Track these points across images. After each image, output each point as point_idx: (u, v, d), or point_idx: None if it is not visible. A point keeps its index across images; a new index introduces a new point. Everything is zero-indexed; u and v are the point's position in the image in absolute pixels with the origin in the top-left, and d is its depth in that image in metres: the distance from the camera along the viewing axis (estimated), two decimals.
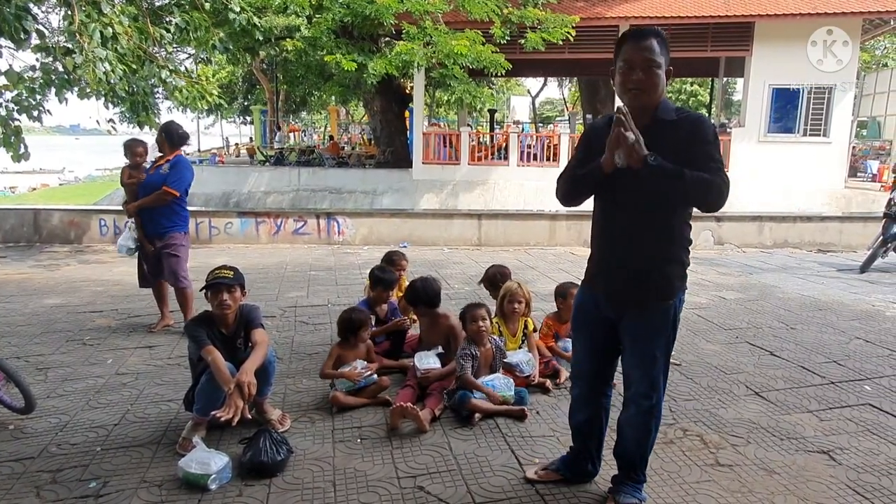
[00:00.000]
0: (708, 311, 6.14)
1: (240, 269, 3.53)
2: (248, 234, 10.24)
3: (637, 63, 2.37)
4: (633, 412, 2.65)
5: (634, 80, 2.37)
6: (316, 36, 12.74)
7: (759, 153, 15.36)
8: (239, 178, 17.82)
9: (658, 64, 2.37)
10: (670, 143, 2.35)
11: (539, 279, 7.65)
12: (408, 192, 16.23)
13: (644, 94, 2.39)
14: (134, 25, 7.05)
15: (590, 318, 2.70)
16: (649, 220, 2.46)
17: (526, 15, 13.01)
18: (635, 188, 2.41)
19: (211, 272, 3.45)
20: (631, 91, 2.39)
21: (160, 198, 5.27)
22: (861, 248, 9.59)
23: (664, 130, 2.39)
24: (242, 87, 30.39)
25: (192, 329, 3.35)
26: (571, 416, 2.92)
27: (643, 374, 2.58)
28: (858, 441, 3.37)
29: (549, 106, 51.25)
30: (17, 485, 2.89)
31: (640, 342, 2.57)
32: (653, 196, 2.40)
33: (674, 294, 2.52)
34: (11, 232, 10.05)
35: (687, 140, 2.36)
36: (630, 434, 2.69)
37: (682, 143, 2.35)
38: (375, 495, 2.82)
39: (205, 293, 3.40)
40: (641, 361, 2.58)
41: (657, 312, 2.52)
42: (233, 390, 3.00)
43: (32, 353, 4.77)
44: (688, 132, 2.38)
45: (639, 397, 2.61)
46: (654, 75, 2.37)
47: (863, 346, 5.05)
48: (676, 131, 2.39)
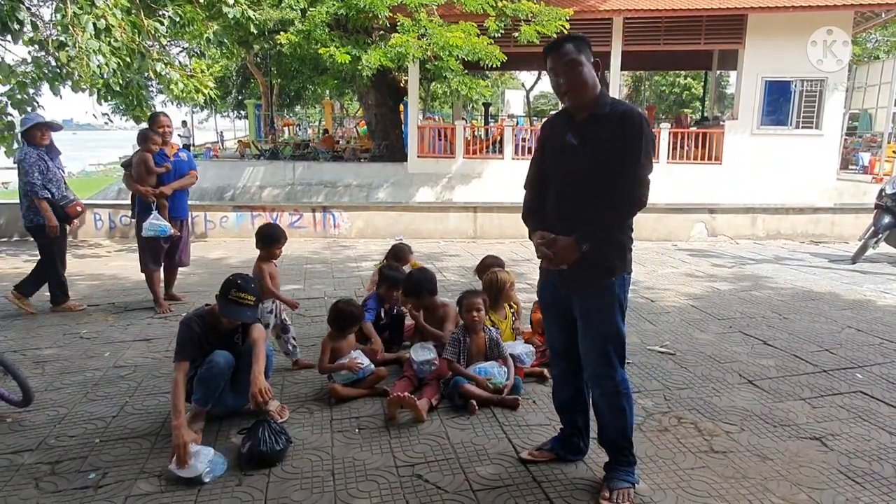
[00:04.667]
0: (702, 301, 6.19)
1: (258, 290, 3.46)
2: (243, 227, 10.22)
3: (559, 69, 2.55)
4: (599, 394, 2.76)
5: (562, 84, 2.56)
6: (310, 29, 12.70)
7: (752, 146, 15.43)
8: (234, 173, 17.78)
9: (578, 62, 2.53)
10: (603, 134, 2.54)
11: (534, 271, 7.65)
12: (403, 186, 16.23)
13: (575, 93, 2.56)
14: (127, 19, 7.02)
15: (552, 299, 2.85)
16: (588, 206, 2.57)
17: (520, 8, 13.00)
18: (571, 177, 2.62)
19: (233, 288, 3.29)
20: (562, 95, 2.59)
21: (191, 181, 5.94)
22: (853, 239, 9.64)
23: (597, 123, 2.56)
24: (236, 81, 30.24)
25: (185, 332, 3.28)
26: (555, 396, 3.05)
27: (597, 353, 2.69)
28: (850, 427, 3.42)
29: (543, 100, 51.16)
30: (15, 477, 2.91)
31: (589, 322, 2.69)
32: (589, 186, 2.57)
33: (615, 272, 2.64)
34: (5, 227, 10.01)
35: (615, 132, 2.51)
36: (606, 414, 2.77)
37: (612, 136, 2.51)
38: (374, 484, 2.85)
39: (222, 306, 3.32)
40: (594, 340, 2.69)
41: (603, 290, 2.64)
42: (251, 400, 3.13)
43: (30, 346, 4.78)
44: (616, 124, 2.52)
45: (598, 378, 2.72)
46: (578, 74, 2.53)
47: (854, 334, 5.10)
48: (607, 126, 2.54)
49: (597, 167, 2.54)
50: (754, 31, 15.11)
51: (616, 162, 2.51)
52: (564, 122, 2.68)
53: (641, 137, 2.49)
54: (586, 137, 2.56)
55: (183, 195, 5.93)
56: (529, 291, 6.04)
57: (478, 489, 2.81)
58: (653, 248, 9.44)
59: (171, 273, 6.09)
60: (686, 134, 16.37)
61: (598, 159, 2.53)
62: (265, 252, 4.46)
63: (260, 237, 4.50)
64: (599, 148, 2.53)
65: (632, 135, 2.49)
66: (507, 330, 4.40)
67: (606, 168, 2.53)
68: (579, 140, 2.58)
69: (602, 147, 2.52)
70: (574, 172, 2.60)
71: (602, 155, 2.52)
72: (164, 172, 5.71)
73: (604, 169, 2.53)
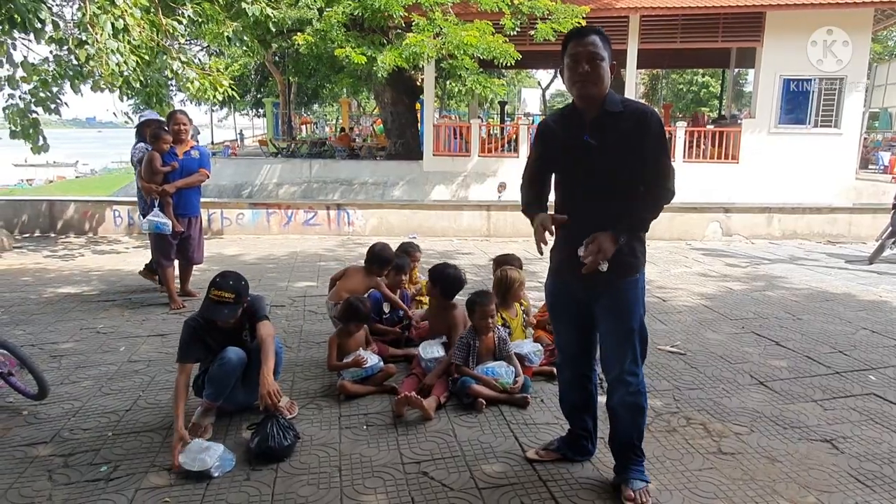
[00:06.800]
0: (714, 301, 6.15)
1: (242, 281, 3.40)
2: (259, 224, 10.32)
3: (582, 56, 2.50)
4: (620, 397, 2.71)
5: (580, 73, 2.50)
6: (326, 29, 12.76)
7: (769, 144, 15.26)
8: (251, 170, 17.93)
9: (602, 57, 2.50)
10: (618, 133, 2.53)
11: (546, 271, 7.66)
12: (418, 184, 16.28)
13: (590, 85, 2.52)
14: (146, 17, 7.10)
15: (565, 304, 2.84)
16: (611, 203, 2.55)
17: (536, 5, 12.95)
18: (595, 176, 2.59)
19: (212, 287, 3.32)
20: (577, 83, 2.53)
21: (200, 179, 5.93)
22: (870, 239, 9.52)
23: (611, 121, 2.55)
24: (255, 79, 30.43)
25: (187, 334, 3.31)
26: (563, 400, 3.03)
27: (623, 353, 2.66)
28: (861, 430, 3.39)
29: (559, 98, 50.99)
30: (29, 468, 2.97)
31: (617, 320, 2.66)
32: (616, 183, 2.56)
33: (639, 268, 2.66)
34: (28, 223, 10.18)
35: (634, 131, 2.52)
36: (625, 416, 2.73)
37: (631, 134, 2.52)
38: (380, 480, 2.87)
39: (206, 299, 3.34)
40: (620, 339, 2.66)
41: (629, 289, 2.63)
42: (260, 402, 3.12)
43: (47, 340, 4.86)
44: (634, 123, 2.53)
45: (622, 379, 2.68)
46: (598, 67, 2.50)
47: (869, 336, 5.04)
48: (624, 123, 2.53)
49: (622, 164, 2.54)
50: (772, 29, 14.95)
51: (640, 157, 2.52)
52: (576, 122, 2.63)
53: (662, 131, 2.56)
54: (605, 136, 2.55)
55: (193, 193, 5.93)
56: (540, 290, 6.03)
57: (483, 487, 2.82)
58: (666, 248, 9.37)
59: (185, 270, 6.16)
60: (702, 133, 16.24)
61: (621, 156, 2.54)
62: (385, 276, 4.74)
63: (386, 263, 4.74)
64: (620, 145, 2.53)
65: (654, 130, 2.52)
66: (518, 328, 4.40)
67: (631, 164, 2.53)
68: (598, 139, 2.55)
69: (623, 144, 2.52)
70: (599, 171, 2.58)
71: (624, 152, 2.53)
72: (170, 171, 5.73)
73: (629, 165, 2.54)
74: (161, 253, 5.82)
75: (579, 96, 2.58)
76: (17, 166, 40.65)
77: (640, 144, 2.52)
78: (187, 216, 5.91)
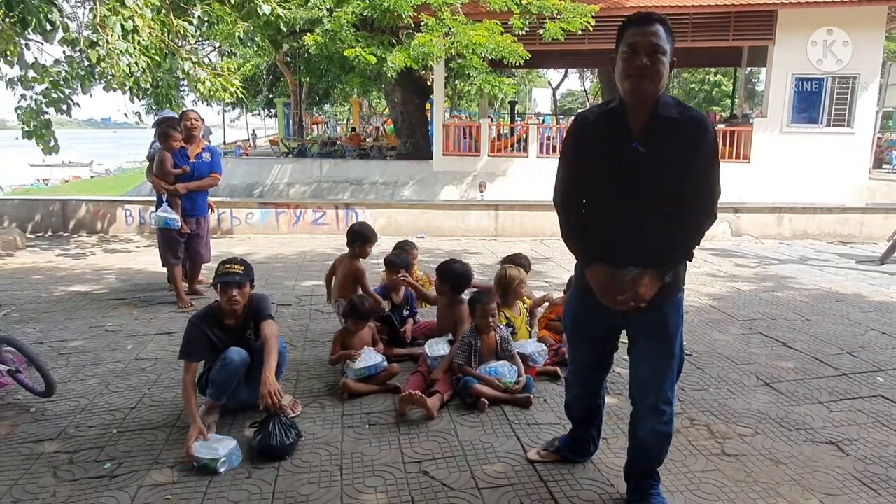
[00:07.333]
0: (722, 301, 6.11)
1: (249, 263, 3.56)
2: (268, 224, 10.37)
3: (642, 48, 2.20)
4: (656, 422, 2.50)
5: (638, 66, 2.20)
6: (335, 29, 12.80)
7: (781, 144, 15.13)
8: (262, 170, 18.04)
9: (664, 50, 2.22)
10: (673, 144, 2.26)
11: (554, 269, 7.67)
12: (428, 184, 16.29)
13: (647, 81, 2.22)
14: (157, 18, 7.15)
15: (591, 325, 2.61)
16: (653, 221, 2.33)
17: (545, 5, 12.91)
18: (639, 189, 2.31)
19: (221, 265, 3.47)
20: (632, 77, 2.23)
21: (211, 183, 6.04)
22: (882, 239, 9.43)
23: (667, 129, 2.26)
24: (267, 80, 30.58)
25: (191, 332, 3.36)
26: (569, 409, 2.96)
27: (664, 378, 2.46)
28: (868, 432, 3.35)
29: (570, 98, 50.88)
30: (35, 465, 3.00)
31: (656, 343, 2.44)
32: (657, 198, 2.31)
33: (681, 287, 2.45)
34: (41, 222, 10.28)
35: (688, 147, 2.25)
36: (654, 445, 2.56)
37: (684, 150, 2.26)
38: (381, 479, 2.88)
39: (215, 286, 3.45)
40: (658, 363, 2.45)
41: (671, 309, 2.42)
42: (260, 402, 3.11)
43: (56, 338, 4.91)
44: (691, 138, 2.25)
45: (661, 403, 2.48)
46: (659, 62, 2.21)
47: (878, 337, 4.99)
48: (680, 133, 2.26)
49: (670, 178, 2.27)
50: (784, 27, 14.82)
51: (691, 173, 2.26)
52: (621, 123, 2.32)
53: (717, 146, 2.30)
54: (657, 145, 2.26)
55: (202, 195, 6.03)
56: (548, 290, 6.02)
57: (483, 487, 2.82)
58: None
59: (194, 269, 6.21)
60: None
61: (671, 170, 2.26)
62: (359, 250, 4.73)
63: (357, 236, 4.75)
64: (673, 157, 2.25)
65: (709, 144, 2.26)
66: (523, 327, 4.40)
67: (680, 179, 2.27)
68: (649, 147, 2.26)
69: (676, 156, 2.25)
70: (644, 184, 2.30)
71: (676, 165, 2.25)
72: (181, 174, 5.81)
73: (677, 181, 2.27)
74: (170, 252, 5.87)
75: (631, 93, 2.25)
76: (33, 166, 41.10)
77: (693, 158, 2.24)
78: (195, 216, 5.98)
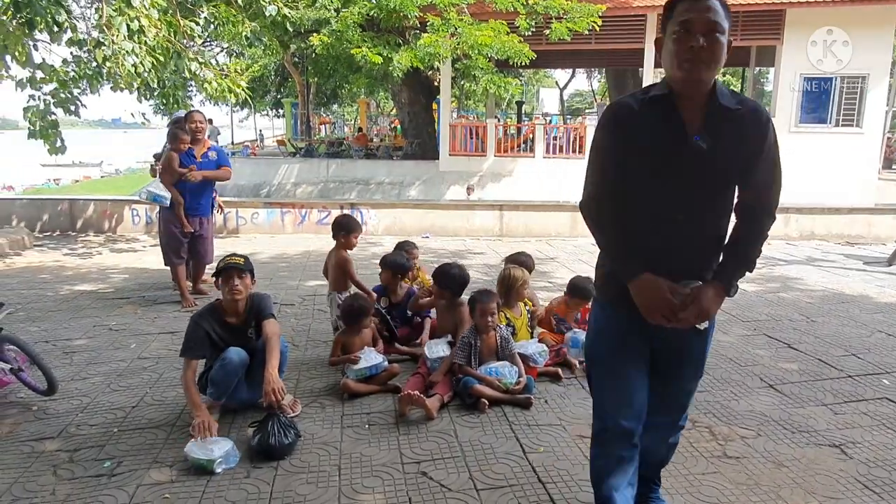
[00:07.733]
0: (726, 302, 6.01)
1: (250, 259, 3.58)
2: (273, 223, 10.39)
3: (698, 26, 1.87)
4: (673, 434, 2.44)
5: (692, 48, 1.87)
6: (342, 30, 12.82)
7: (789, 144, 14.93)
8: (270, 170, 18.08)
9: (723, 29, 1.89)
10: (736, 139, 1.97)
11: (558, 269, 7.63)
12: (434, 184, 16.29)
13: (703, 66, 1.89)
14: (163, 18, 7.18)
15: (634, 346, 2.19)
16: (707, 224, 2.08)
17: (551, 5, 12.88)
18: (696, 189, 2.01)
19: (222, 259, 3.52)
20: (687, 62, 1.88)
21: (224, 175, 6.09)
22: (890, 240, 9.36)
23: (728, 121, 1.97)
24: (275, 80, 30.71)
25: (192, 330, 3.38)
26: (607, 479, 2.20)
27: (688, 401, 2.37)
28: (872, 435, 3.32)
29: (578, 98, 50.76)
30: (35, 463, 3.01)
31: (690, 368, 2.28)
32: (716, 199, 2.05)
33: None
34: (49, 221, 10.34)
35: (751, 143, 1.99)
36: (667, 454, 2.51)
37: (749, 140, 1.99)
38: (379, 480, 2.87)
39: (216, 280, 3.47)
40: (692, 384, 2.33)
41: (712, 326, 2.24)
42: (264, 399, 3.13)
43: (61, 337, 4.93)
44: (753, 134, 1.98)
45: (677, 424, 2.41)
46: (717, 42, 1.88)
47: (884, 339, 4.94)
48: (741, 126, 1.98)
49: (736, 176, 2.03)
50: (792, 27, 14.72)
51: (757, 171, 2.01)
52: (672, 113, 1.97)
53: (777, 140, 2.03)
54: (720, 139, 1.95)
55: (205, 195, 6.02)
56: (552, 290, 6.02)
57: (482, 488, 2.81)
58: None
59: (197, 268, 6.22)
60: None
61: (734, 168, 2.01)
62: (344, 240, 4.81)
63: (340, 227, 4.84)
64: (736, 153, 1.98)
65: (772, 137, 1.99)
66: (523, 328, 4.39)
67: (746, 178, 2.03)
68: (710, 142, 1.95)
69: (740, 152, 1.98)
70: (702, 183, 2.00)
71: (739, 162, 1.99)
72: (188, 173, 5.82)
73: (744, 178, 2.03)
74: (173, 251, 5.89)
75: (684, 80, 1.92)
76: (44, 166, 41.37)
77: (758, 156, 1.98)
78: (198, 216, 5.99)
